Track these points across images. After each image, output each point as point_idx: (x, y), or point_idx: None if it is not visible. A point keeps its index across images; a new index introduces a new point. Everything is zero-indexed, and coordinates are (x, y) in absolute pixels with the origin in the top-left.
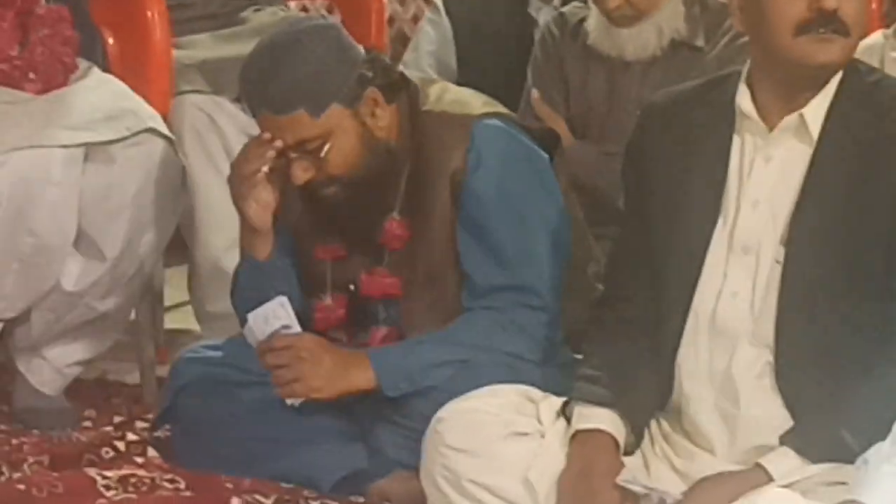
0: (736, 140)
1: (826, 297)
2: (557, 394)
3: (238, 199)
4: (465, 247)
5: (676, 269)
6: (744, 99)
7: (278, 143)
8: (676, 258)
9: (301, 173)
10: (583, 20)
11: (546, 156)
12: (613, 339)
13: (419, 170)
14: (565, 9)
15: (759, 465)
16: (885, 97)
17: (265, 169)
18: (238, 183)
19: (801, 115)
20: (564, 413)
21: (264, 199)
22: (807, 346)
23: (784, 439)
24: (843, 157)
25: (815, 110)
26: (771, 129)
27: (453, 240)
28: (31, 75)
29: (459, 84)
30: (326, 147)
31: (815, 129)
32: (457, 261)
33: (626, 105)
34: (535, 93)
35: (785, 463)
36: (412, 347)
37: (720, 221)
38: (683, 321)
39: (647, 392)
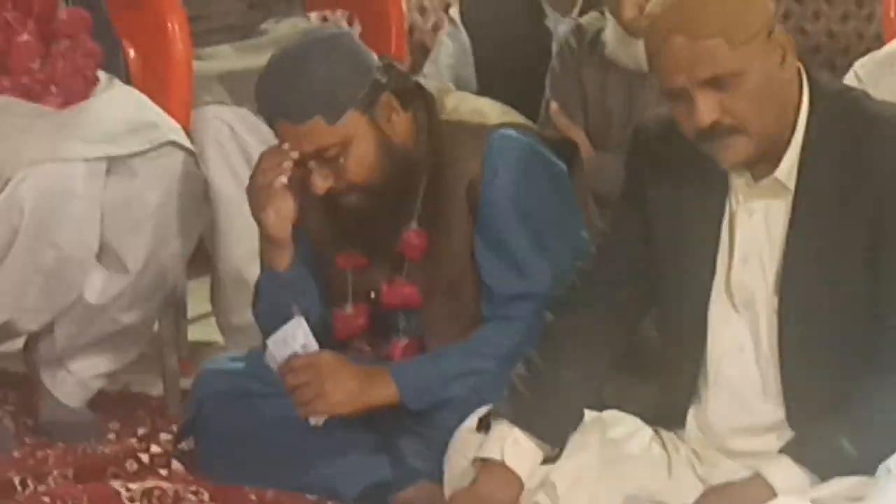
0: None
1: (823, 340)
2: None
3: (257, 210)
4: (483, 256)
5: (680, 324)
6: None
7: (295, 153)
8: (679, 310)
9: (320, 182)
10: (600, 31)
11: (563, 166)
12: (560, 344)
13: (437, 179)
14: (583, 20)
15: (758, 475)
16: (860, 119)
17: (283, 179)
18: (256, 194)
19: (777, 179)
20: (482, 422)
21: (283, 210)
22: (813, 390)
23: (784, 448)
24: (823, 199)
25: (789, 166)
26: (756, 177)
27: (472, 249)
28: (53, 89)
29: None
30: (345, 154)
31: (790, 181)
32: (476, 270)
33: (644, 115)
34: (553, 104)
35: (784, 472)
36: (433, 359)
37: (717, 274)
38: (695, 377)
39: (571, 412)
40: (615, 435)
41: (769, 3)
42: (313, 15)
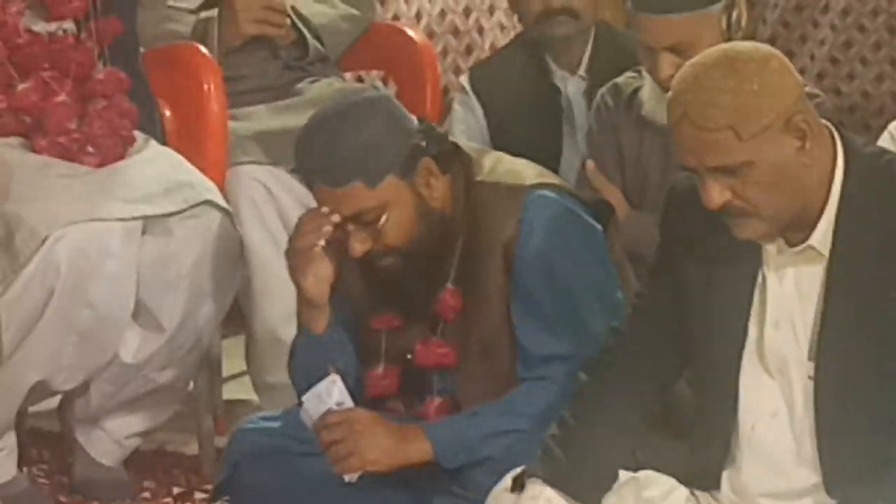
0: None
1: (861, 405)
2: None
3: (296, 273)
4: (518, 317)
5: (712, 387)
6: None
7: (336, 217)
8: (710, 374)
9: (358, 245)
10: (637, 90)
11: (599, 227)
12: (594, 403)
13: (473, 240)
14: (619, 79)
15: None
16: None
17: (322, 242)
18: (296, 257)
19: (811, 246)
20: (516, 482)
21: (322, 273)
22: (849, 455)
23: None
24: (859, 265)
25: (823, 232)
26: (789, 241)
27: (507, 310)
28: (90, 149)
29: None
30: (384, 218)
31: (825, 248)
32: (511, 331)
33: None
34: (590, 162)
35: None
36: (468, 418)
37: (749, 339)
38: (727, 440)
39: (605, 472)
40: (650, 495)
41: (791, 89)
42: (348, 75)
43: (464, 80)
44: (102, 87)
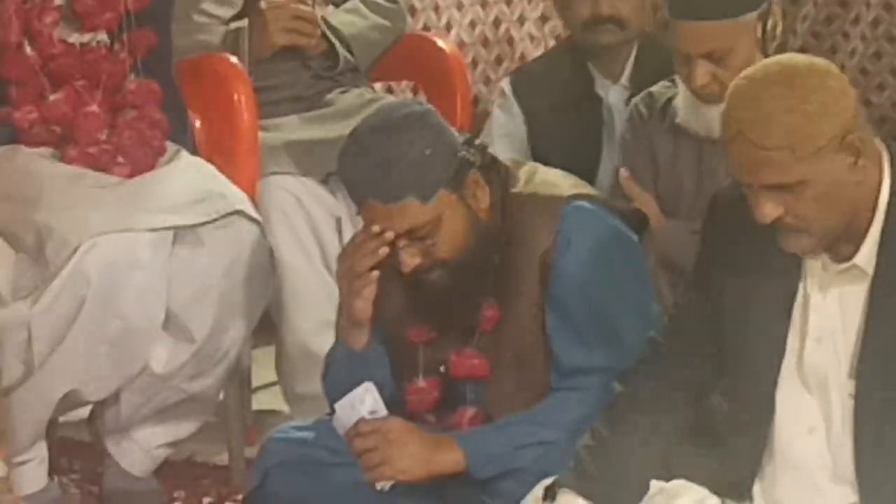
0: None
1: None
2: None
3: (348, 296)
4: (553, 328)
5: (747, 400)
6: None
7: (389, 235)
8: (746, 387)
9: (409, 260)
10: (671, 99)
11: (635, 237)
12: (627, 414)
13: (509, 251)
14: (654, 88)
15: None
16: None
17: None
18: (351, 279)
19: (856, 265)
20: (548, 493)
21: (371, 294)
22: (888, 475)
23: None
24: None
25: (868, 251)
26: (834, 257)
27: (542, 321)
28: (120, 159)
29: None
30: (435, 232)
31: (869, 267)
32: (545, 342)
33: (715, 183)
34: (623, 172)
35: None
36: (500, 429)
37: (788, 354)
38: (760, 454)
39: (636, 482)
40: (683, 502)
41: (848, 108)
42: (378, 85)
43: (505, 84)
44: (133, 98)
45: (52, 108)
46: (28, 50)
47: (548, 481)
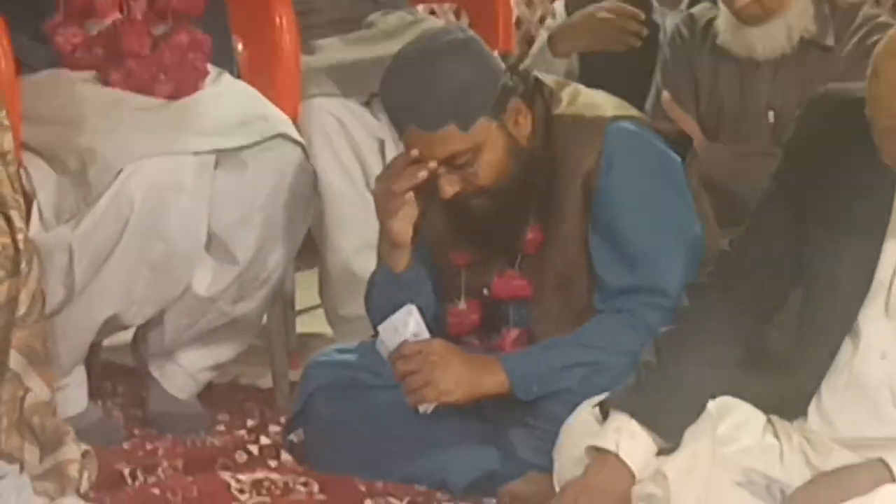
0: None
1: None
2: None
3: (385, 216)
4: (596, 249)
5: (825, 322)
6: None
7: (432, 164)
8: (826, 309)
9: (449, 187)
10: (712, 20)
11: (678, 158)
12: (689, 340)
13: (553, 173)
14: (694, 10)
15: (881, 461)
16: None
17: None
18: (388, 200)
19: None
20: (602, 407)
21: (409, 215)
22: None
23: None
24: None
25: None
26: None
27: (585, 242)
28: (162, 76)
29: None
30: (476, 160)
31: None
32: (588, 263)
33: (757, 104)
34: (665, 94)
35: None
36: (543, 350)
37: (876, 278)
38: (822, 374)
39: (692, 410)
40: (727, 424)
41: None
42: (420, 7)
43: (558, 5)
44: (177, 4)
45: (99, 8)
46: None
47: (598, 399)
